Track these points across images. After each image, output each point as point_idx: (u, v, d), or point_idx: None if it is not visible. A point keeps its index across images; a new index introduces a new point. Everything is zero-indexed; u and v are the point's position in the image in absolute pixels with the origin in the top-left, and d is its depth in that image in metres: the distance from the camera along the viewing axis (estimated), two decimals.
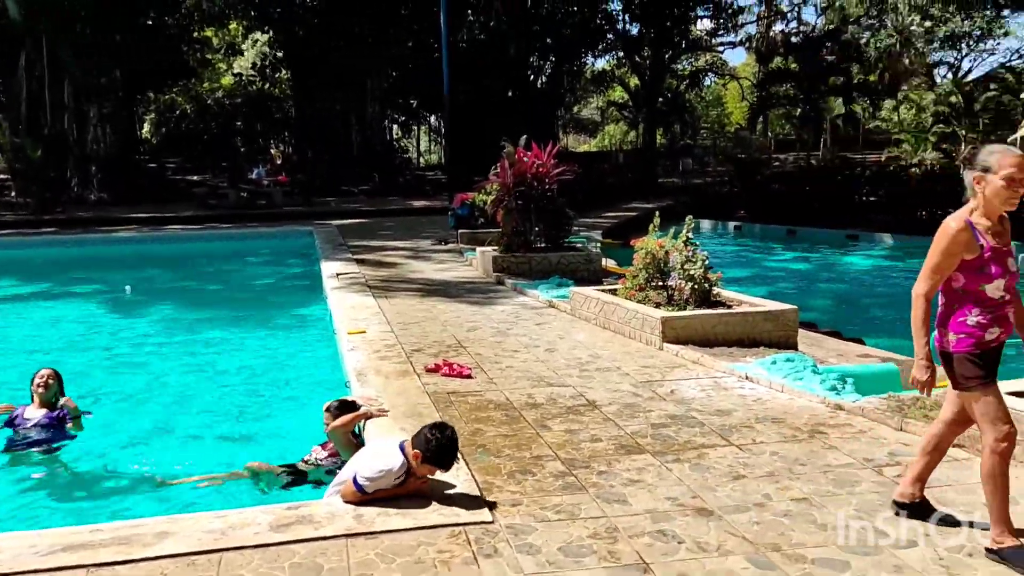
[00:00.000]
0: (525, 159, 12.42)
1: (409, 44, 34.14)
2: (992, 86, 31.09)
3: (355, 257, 14.97)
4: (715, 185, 33.51)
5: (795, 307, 8.04)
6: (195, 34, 36.49)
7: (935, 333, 3.68)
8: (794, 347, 7.66)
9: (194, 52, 37.39)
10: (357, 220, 23.41)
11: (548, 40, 36.02)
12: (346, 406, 5.74)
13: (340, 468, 4.72)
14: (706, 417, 5.65)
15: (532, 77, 38.72)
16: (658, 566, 3.56)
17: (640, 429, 5.40)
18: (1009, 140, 23.49)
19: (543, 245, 12.64)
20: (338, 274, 12.52)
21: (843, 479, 4.51)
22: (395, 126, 46.59)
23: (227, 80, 46.47)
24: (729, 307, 8.06)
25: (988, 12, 38.10)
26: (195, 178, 35.28)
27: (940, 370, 6.81)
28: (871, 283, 17.68)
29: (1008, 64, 43.96)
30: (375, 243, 17.63)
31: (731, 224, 26.02)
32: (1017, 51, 48.66)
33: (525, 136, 12.97)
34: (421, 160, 56.51)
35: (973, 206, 3.60)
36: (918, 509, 3.96)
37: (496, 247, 12.86)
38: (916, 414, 5.39)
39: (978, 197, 3.58)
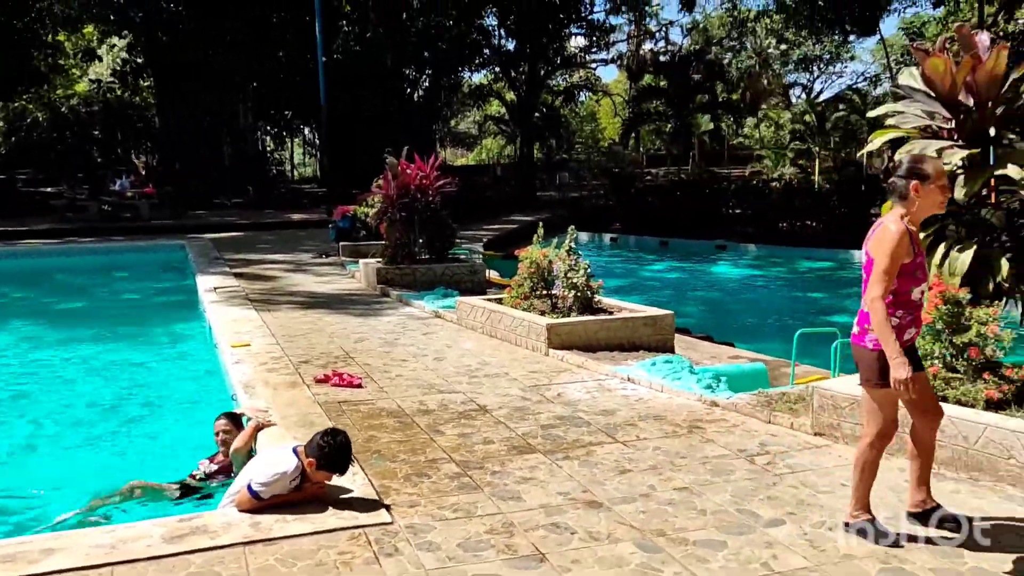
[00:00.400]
0: (408, 171, 12.49)
1: (280, 54, 33.43)
2: (841, 106, 33.30)
3: (233, 271, 14.58)
4: (591, 198, 34.43)
5: (672, 312, 8.46)
6: (47, 39, 34.33)
7: (856, 330, 3.78)
8: (671, 350, 8.07)
9: (45, 57, 35.20)
10: (232, 234, 22.73)
11: (425, 53, 36.10)
12: (233, 419, 5.68)
13: (233, 479, 4.68)
14: (592, 417, 5.90)
15: (409, 90, 38.67)
16: (553, 555, 3.74)
17: (530, 430, 5.59)
18: (859, 156, 25.34)
19: (427, 256, 12.72)
20: (216, 288, 12.19)
21: (720, 469, 4.84)
22: (268, 138, 45.38)
23: (82, 87, 43.96)
24: (610, 313, 8.41)
25: (836, 37, 40.96)
26: (50, 190, 33.14)
27: (806, 368, 7.32)
28: (739, 290, 18.70)
29: (854, 86, 47.40)
30: (253, 256, 17.21)
31: (607, 236, 26.88)
32: (862, 74, 52.67)
33: (407, 148, 13.04)
34: (295, 173, 55.33)
35: (902, 212, 3.67)
36: (932, 513, 3.95)
37: (380, 259, 12.85)
38: (783, 408, 5.83)
39: (912, 204, 3.65)
